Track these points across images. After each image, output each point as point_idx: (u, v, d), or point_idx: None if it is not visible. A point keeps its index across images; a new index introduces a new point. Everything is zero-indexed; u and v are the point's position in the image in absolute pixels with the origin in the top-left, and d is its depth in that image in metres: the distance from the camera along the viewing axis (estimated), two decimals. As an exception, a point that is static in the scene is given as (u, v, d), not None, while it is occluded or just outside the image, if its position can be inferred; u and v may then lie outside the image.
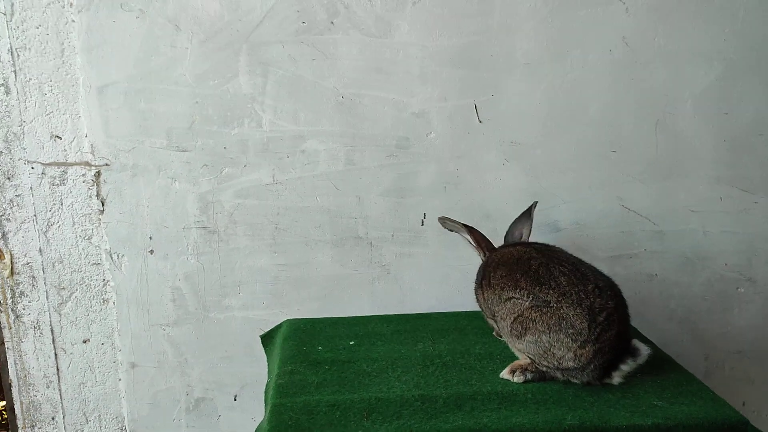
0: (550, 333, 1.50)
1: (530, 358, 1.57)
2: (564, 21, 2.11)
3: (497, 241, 1.95)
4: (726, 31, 2.14)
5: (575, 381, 1.55)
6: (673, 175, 2.24)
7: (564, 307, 1.49)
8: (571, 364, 1.50)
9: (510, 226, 1.91)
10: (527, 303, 1.54)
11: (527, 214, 1.90)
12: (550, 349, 1.51)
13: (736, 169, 2.24)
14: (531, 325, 1.52)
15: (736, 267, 2.32)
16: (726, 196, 2.26)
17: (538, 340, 1.51)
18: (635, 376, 1.58)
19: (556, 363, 1.52)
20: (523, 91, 2.15)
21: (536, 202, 1.94)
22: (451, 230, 1.89)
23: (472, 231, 1.86)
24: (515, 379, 1.58)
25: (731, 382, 2.40)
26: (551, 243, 2.23)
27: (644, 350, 1.56)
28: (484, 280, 1.72)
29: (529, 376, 1.58)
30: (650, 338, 1.84)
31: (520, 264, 1.60)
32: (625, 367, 1.53)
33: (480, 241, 1.86)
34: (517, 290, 1.56)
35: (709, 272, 2.32)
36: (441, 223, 1.88)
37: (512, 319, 1.56)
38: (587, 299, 1.50)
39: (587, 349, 1.49)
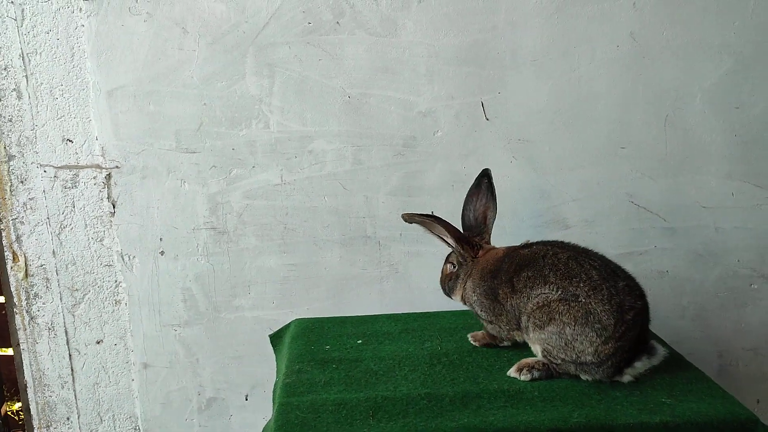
0: (575, 326, 1.48)
1: (546, 349, 1.54)
2: (570, 17, 2.10)
3: (503, 242, 1.94)
4: (735, 24, 2.11)
5: (586, 377, 1.54)
6: (683, 171, 2.21)
7: (593, 302, 1.48)
8: (589, 358, 1.49)
9: (466, 206, 1.80)
10: (555, 296, 1.52)
11: (485, 188, 1.78)
12: (571, 342, 1.49)
13: (748, 164, 2.21)
14: (556, 316, 1.50)
15: (749, 263, 2.29)
16: (738, 191, 2.23)
17: (562, 331, 1.50)
18: (645, 374, 1.57)
19: (574, 356, 1.50)
20: (530, 89, 2.14)
21: (487, 170, 1.80)
22: (414, 223, 1.72)
23: (439, 220, 1.71)
24: (522, 378, 1.57)
25: (745, 380, 2.37)
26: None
27: (661, 351, 1.55)
28: (501, 290, 1.63)
29: (536, 374, 1.57)
30: (662, 336, 1.82)
31: (546, 260, 1.57)
32: (639, 365, 1.52)
33: (454, 232, 1.73)
34: (547, 285, 1.53)
35: (722, 269, 2.29)
36: (405, 220, 1.71)
37: (536, 307, 1.54)
38: (617, 296, 1.48)
39: (609, 345, 1.47)
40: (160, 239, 2.22)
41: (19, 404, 2.44)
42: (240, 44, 2.09)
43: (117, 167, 2.16)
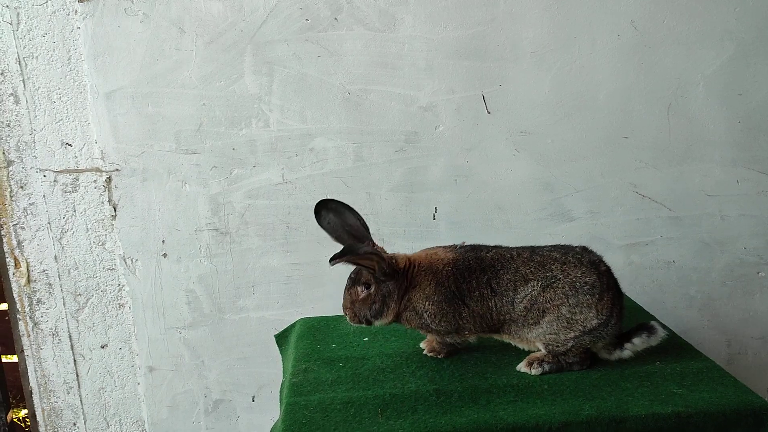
0: (567, 300, 1.52)
1: (548, 341, 1.53)
2: (570, 6, 2.08)
3: (509, 235, 1.93)
4: (737, 10, 2.10)
5: (600, 346, 1.55)
6: (687, 160, 2.20)
7: (571, 273, 1.53)
8: (595, 321, 1.51)
9: (337, 230, 1.60)
10: (538, 289, 1.53)
11: (339, 208, 1.61)
12: (571, 317, 1.51)
13: (752, 150, 2.20)
14: (548, 305, 1.52)
15: (756, 250, 2.27)
16: (743, 178, 2.22)
17: (558, 315, 1.52)
18: (654, 363, 1.55)
19: (580, 329, 1.51)
20: (531, 80, 2.13)
21: (322, 202, 1.60)
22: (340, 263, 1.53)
23: (358, 248, 1.55)
24: (533, 372, 1.56)
25: (755, 368, 2.35)
26: (565, 233, 2.22)
27: (661, 331, 1.56)
28: (475, 292, 1.54)
29: (546, 367, 1.56)
30: (670, 326, 1.80)
31: (516, 260, 1.57)
32: (638, 341, 1.56)
33: (379, 253, 1.57)
34: (528, 284, 1.54)
35: (729, 257, 2.28)
36: (331, 265, 1.52)
37: (525, 311, 1.54)
38: (583, 257, 1.56)
39: (605, 298, 1.52)
40: (163, 241, 2.20)
41: (25, 411, 2.43)
42: (238, 43, 2.07)
43: (117, 170, 2.15)
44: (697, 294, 2.30)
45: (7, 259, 2.21)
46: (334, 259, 1.50)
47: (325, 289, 2.26)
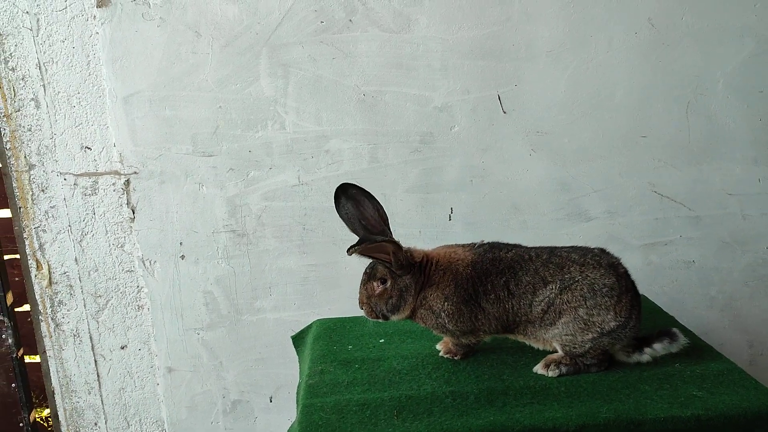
0: (585, 302, 1.51)
1: (565, 343, 1.52)
2: (586, 5, 2.06)
3: (525, 235, 1.91)
4: (756, 6, 2.06)
5: (618, 348, 1.54)
6: (707, 158, 2.17)
7: (590, 274, 1.52)
8: (613, 323, 1.50)
9: (353, 220, 1.57)
10: (556, 291, 1.52)
11: (358, 196, 1.57)
12: (589, 319, 1.50)
13: (774, 148, 2.16)
14: (565, 307, 1.51)
15: (779, 250, 2.24)
16: (765, 177, 2.18)
17: (576, 316, 1.51)
18: (673, 365, 1.53)
19: (598, 330, 1.50)
20: (547, 80, 2.11)
21: (343, 185, 1.57)
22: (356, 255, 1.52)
23: (375, 240, 1.53)
24: (550, 374, 1.55)
25: (778, 369, 2.32)
26: (582, 233, 2.20)
27: (681, 339, 1.55)
28: (491, 294, 1.54)
29: (563, 369, 1.55)
30: (690, 327, 1.79)
31: (535, 262, 1.56)
32: (659, 347, 1.55)
33: (395, 244, 1.56)
34: (547, 286, 1.53)
35: (751, 256, 2.24)
36: (349, 254, 1.52)
37: (542, 313, 1.53)
38: (602, 259, 1.55)
39: (624, 301, 1.51)
40: (180, 243, 2.22)
41: (48, 411, 2.46)
42: (253, 46, 2.08)
43: (135, 173, 2.17)
44: (718, 294, 2.27)
45: (29, 262, 2.24)
46: (352, 248, 1.50)
47: (341, 290, 2.26)
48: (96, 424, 2.40)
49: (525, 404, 1.43)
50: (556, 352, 1.58)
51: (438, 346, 1.72)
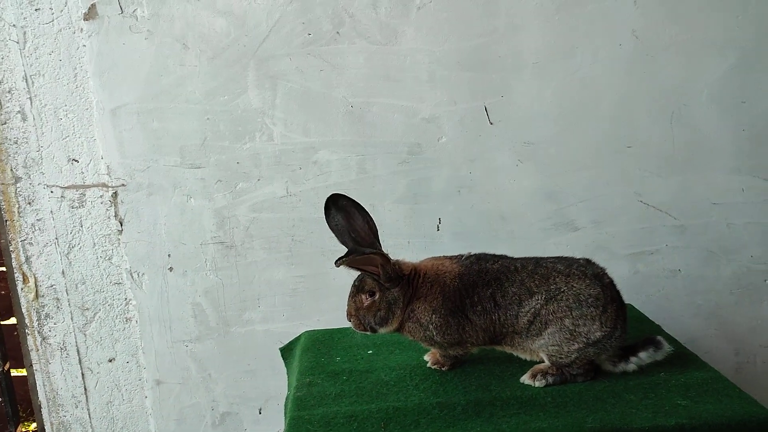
0: (571, 313, 1.51)
1: (551, 353, 1.53)
2: (571, 17, 2.08)
3: (513, 245, 1.92)
4: (738, 18, 2.09)
5: (604, 358, 1.55)
6: (691, 168, 2.19)
7: (575, 284, 1.53)
8: (598, 334, 1.51)
9: (342, 232, 1.57)
10: (541, 301, 1.53)
11: (348, 208, 1.58)
12: (575, 329, 1.51)
13: (757, 158, 2.19)
14: (551, 317, 1.52)
15: (763, 258, 2.26)
16: (748, 186, 2.20)
17: (562, 326, 1.51)
18: (658, 375, 1.55)
19: (583, 341, 1.51)
20: (534, 91, 2.13)
21: (333, 196, 1.57)
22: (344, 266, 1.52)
23: (363, 252, 1.53)
24: (537, 384, 1.56)
25: (763, 376, 2.33)
26: (569, 243, 2.21)
27: (666, 347, 1.57)
28: (478, 306, 1.54)
29: (550, 379, 1.55)
30: (676, 336, 1.80)
31: (521, 273, 1.57)
32: (644, 355, 1.56)
33: (384, 256, 1.56)
34: (533, 297, 1.54)
35: (735, 265, 2.26)
36: (336, 266, 1.51)
37: (528, 324, 1.53)
38: (587, 269, 1.56)
39: (609, 310, 1.52)
40: (169, 255, 2.22)
41: (35, 425, 2.44)
42: (241, 58, 2.09)
43: (123, 185, 2.17)
44: (704, 303, 2.29)
45: (16, 275, 2.23)
46: (340, 260, 1.50)
47: (330, 301, 2.26)
48: (83, 437, 2.38)
49: (512, 415, 1.44)
50: (543, 362, 1.59)
51: (426, 357, 1.72)
